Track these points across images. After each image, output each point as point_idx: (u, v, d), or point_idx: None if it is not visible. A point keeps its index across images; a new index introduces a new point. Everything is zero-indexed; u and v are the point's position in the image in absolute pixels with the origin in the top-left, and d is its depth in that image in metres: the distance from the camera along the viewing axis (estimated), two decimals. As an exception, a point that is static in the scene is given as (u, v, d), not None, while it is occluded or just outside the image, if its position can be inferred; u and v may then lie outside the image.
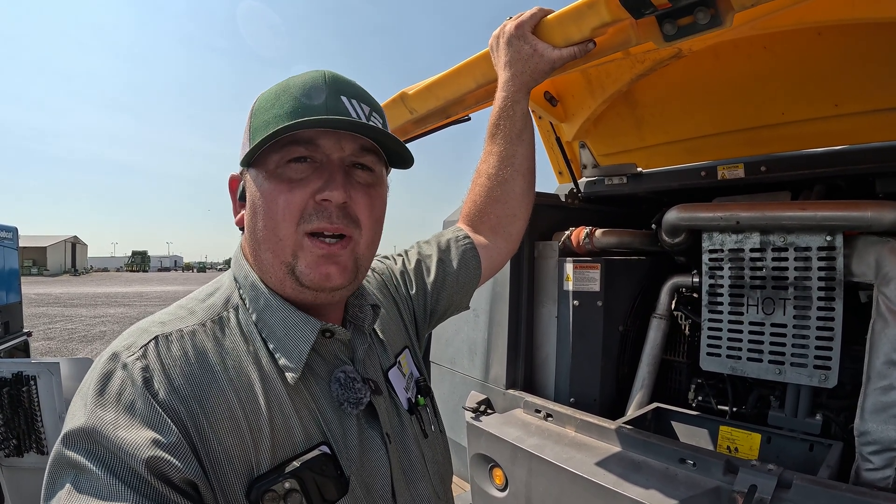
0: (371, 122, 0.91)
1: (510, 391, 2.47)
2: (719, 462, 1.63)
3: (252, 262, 0.95)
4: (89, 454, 0.68)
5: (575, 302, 2.40)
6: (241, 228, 0.98)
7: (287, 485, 0.79)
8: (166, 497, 0.69)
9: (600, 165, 2.64)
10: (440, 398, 3.10)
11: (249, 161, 0.88)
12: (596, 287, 2.40)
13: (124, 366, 0.76)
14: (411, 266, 1.32)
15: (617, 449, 1.90)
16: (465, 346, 2.81)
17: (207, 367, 0.81)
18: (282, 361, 0.88)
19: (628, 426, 1.96)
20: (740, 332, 1.98)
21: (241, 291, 0.94)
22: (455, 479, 3.12)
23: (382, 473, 0.96)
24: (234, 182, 0.99)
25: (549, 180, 3.00)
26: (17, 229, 5.83)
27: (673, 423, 2.21)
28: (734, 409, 2.17)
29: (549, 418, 2.20)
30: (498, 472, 2.23)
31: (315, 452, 0.84)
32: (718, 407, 2.22)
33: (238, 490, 0.77)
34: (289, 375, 0.87)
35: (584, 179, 2.74)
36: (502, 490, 2.20)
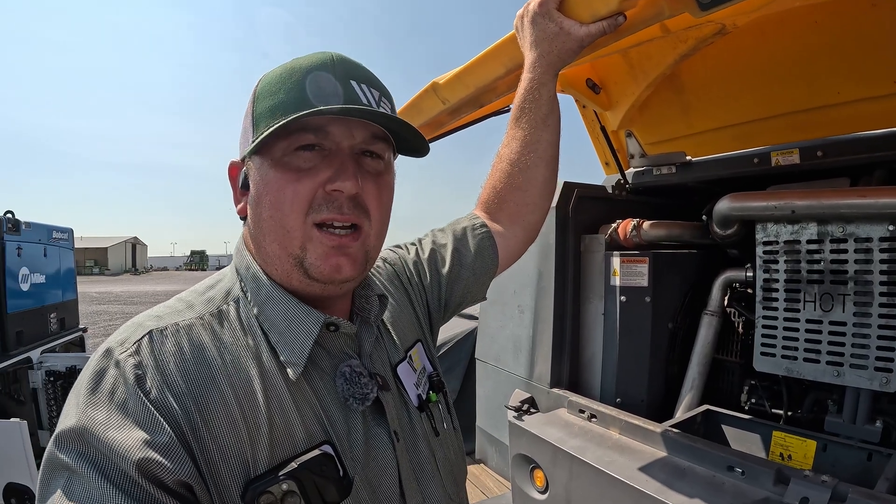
0: (381, 108, 0.87)
1: (554, 390, 2.41)
2: (769, 471, 1.52)
3: (255, 253, 0.91)
4: (80, 456, 0.67)
5: (622, 298, 2.31)
6: (243, 218, 0.94)
7: (284, 486, 0.75)
8: (158, 501, 0.67)
9: (648, 155, 2.52)
10: (484, 396, 3.09)
11: (255, 150, 0.84)
12: (644, 282, 2.30)
13: (117, 363, 0.73)
14: (425, 256, 1.27)
15: (662, 454, 1.81)
16: (510, 342, 2.76)
17: (203, 362, 0.78)
18: (284, 356, 0.84)
19: (675, 430, 1.87)
20: (796, 330, 1.83)
21: (242, 284, 0.91)
22: (498, 477, 3.09)
23: (389, 473, 0.92)
24: (234, 169, 0.94)
25: (595, 172, 2.90)
26: (72, 230, 6.16)
27: (724, 427, 2.08)
28: (789, 414, 2.02)
29: (593, 419, 2.13)
30: (539, 474, 2.17)
31: (315, 452, 0.80)
32: (772, 410, 2.08)
33: (234, 491, 0.74)
34: (290, 371, 0.84)
35: (631, 170, 2.63)
36: (543, 492, 2.14)
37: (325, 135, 0.84)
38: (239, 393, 0.78)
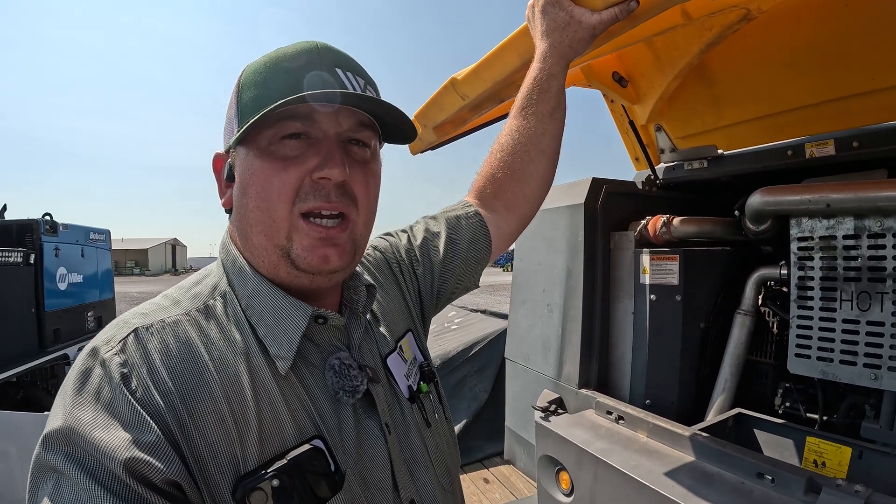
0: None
1: (583, 391, 2.35)
2: (800, 479, 1.45)
3: (241, 245, 0.90)
4: (68, 457, 0.66)
5: (652, 296, 2.25)
6: (228, 211, 0.93)
7: (275, 483, 0.74)
8: (147, 500, 0.66)
9: (678, 149, 2.44)
10: (513, 396, 3.04)
11: (240, 140, 0.84)
12: (674, 280, 2.22)
13: (102, 362, 0.73)
14: (417, 243, 1.25)
15: (690, 458, 1.75)
16: (539, 342, 2.71)
17: (190, 358, 0.77)
18: (272, 350, 0.83)
19: (704, 433, 1.80)
20: (832, 330, 1.74)
21: (229, 278, 0.90)
22: (527, 478, 3.04)
23: (382, 466, 0.91)
24: (218, 161, 0.93)
25: (625, 167, 2.82)
26: (109, 232, 6.37)
27: (756, 432, 1.99)
28: (824, 418, 1.92)
29: (621, 421, 2.08)
30: (564, 476, 2.13)
31: (305, 447, 0.79)
32: (807, 415, 1.97)
33: (224, 488, 0.73)
34: (280, 365, 0.83)
35: (662, 165, 2.55)
36: (568, 495, 2.10)
37: (312, 122, 0.83)
38: (227, 389, 0.77)
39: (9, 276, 4.53)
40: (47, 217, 4.87)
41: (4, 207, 5.18)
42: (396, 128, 0.93)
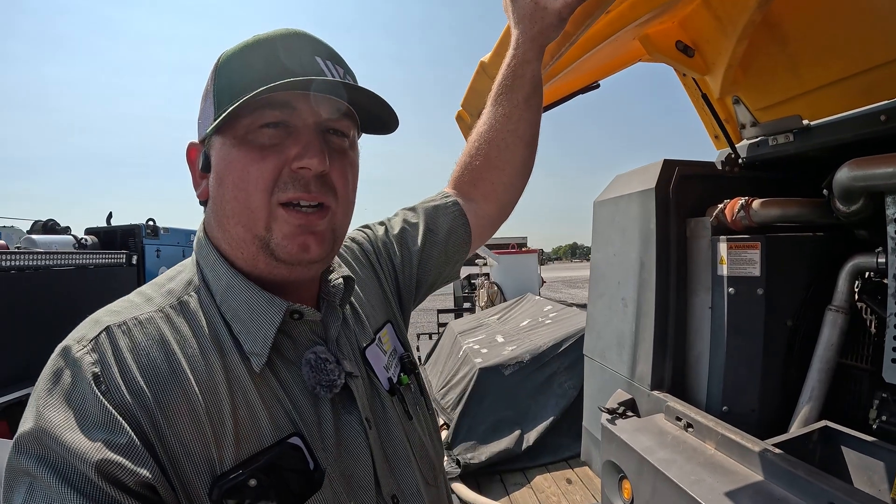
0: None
1: (655, 392, 2.15)
2: (877, 514, 1.21)
3: (219, 237, 0.88)
4: (40, 460, 0.65)
5: (730, 289, 2.00)
6: (203, 203, 0.92)
7: (252, 482, 0.72)
8: (120, 503, 0.64)
9: (760, 122, 2.14)
10: (590, 395, 2.85)
11: (217, 129, 0.82)
12: (755, 271, 1.96)
13: (74, 361, 0.72)
14: (395, 233, 1.24)
15: (757, 477, 1.54)
16: (615, 338, 2.53)
17: (163, 357, 0.75)
18: (246, 347, 0.82)
19: (776, 450, 1.56)
20: (934, 332, 1.44)
21: (203, 273, 0.88)
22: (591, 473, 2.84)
23: (363, 462, 0.88)
24: (193, 151, 0.91)
25: (705, 148, 2.54)
26: None
27: (843, 449, 1.70)
28: (924, 438, 1.60)
29: (690, 429, 1.87)
30: (626, 485, 1.96)
31: (283, 446, 0.78)
32: (905, 432, 1.66)
33: (200, 489, 0.72)
34: (254, 362, 0.81)
35: (745, 142, 2.25)
36: (629, 506, 1.92)
37: (291, 111, 0.81)
38: (201, 388, 0.76)
39: (113, 275, 5.04)
40: (150, 222, 5.35)
41: (110, 215, 5.75)
42: (376, 117, 0.92)
